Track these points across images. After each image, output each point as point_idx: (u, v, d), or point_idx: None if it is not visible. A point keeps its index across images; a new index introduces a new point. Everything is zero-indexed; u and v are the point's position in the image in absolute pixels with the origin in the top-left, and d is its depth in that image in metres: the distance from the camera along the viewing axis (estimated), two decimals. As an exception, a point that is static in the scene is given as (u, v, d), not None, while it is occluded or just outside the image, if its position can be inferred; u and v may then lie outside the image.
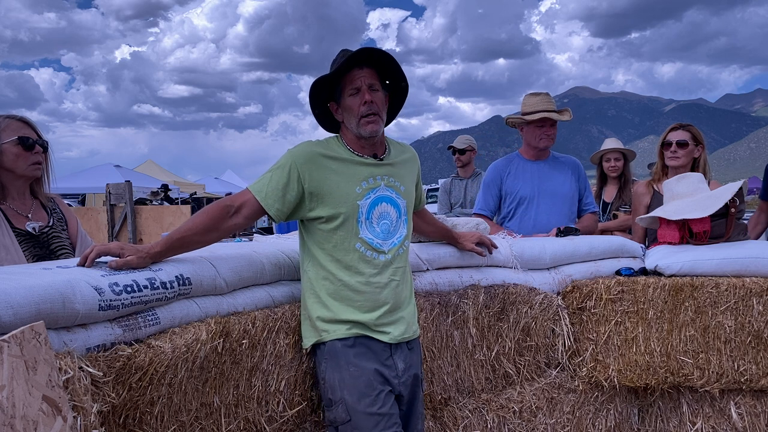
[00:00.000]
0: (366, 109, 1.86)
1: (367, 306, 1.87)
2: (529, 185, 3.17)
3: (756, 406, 2.68)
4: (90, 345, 1.41)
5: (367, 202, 1.88)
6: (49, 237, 2.14)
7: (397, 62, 1.91)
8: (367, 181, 1.89)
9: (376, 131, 1.89)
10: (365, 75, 1.87)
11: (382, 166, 1.94)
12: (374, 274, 1.88)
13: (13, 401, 1.01)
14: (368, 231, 1.88)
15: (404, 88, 2.01)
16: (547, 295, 2.59)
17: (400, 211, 1.96)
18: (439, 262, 2.39)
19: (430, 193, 22.50)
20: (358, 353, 1.85)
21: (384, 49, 3.85)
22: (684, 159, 3.08)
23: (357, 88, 1.86)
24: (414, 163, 2.10)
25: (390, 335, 1.89)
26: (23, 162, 2.06)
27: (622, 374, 2.63)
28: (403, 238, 1.97)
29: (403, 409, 1.94)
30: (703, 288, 2.56)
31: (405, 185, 1.99)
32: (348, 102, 1.88)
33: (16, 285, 1.30)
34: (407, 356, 1.95)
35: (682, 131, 3.11)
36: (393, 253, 1.92)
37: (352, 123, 1.89)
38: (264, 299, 1.93)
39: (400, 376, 1.91)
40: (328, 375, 1.84)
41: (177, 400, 1.58)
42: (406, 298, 1.98)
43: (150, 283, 1.56)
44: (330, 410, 1.85)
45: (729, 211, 2.72)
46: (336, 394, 1.83)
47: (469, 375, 2.40)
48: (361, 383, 1.82)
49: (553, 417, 2.59)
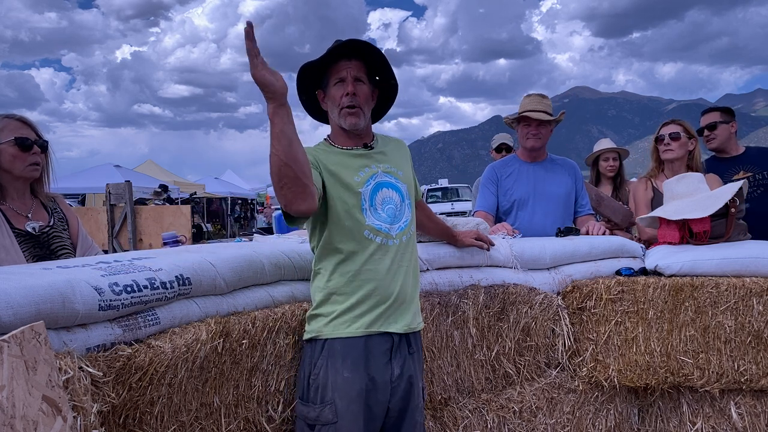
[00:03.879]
0: (348, 100, 1.86)
1: (378, 292, 1.85)
2: (524, 187, 3.17)
3: (756, 406, 2.67)
4: (90, 345, 1.41)
5: (369, 188, 1.88)
6: (50, 237, 2.14)
7: (385, 58, 1.91)
8: (364, 169, 1.90)
9: (355, 124, 1.89)
10: (352, 67, 1.87)
11: (376, 154, 1.95)
12: (384, 260, 1.86)
13: (13, 401, 1.01)
14: (374, 217, 1.87)
15: (394, 86, 2.01)
16: (547, 295, 2.59)
17: (402, 195, 1.95)
18: (439, 262, 2.39)
19: (431, 193, 22.57)
20: (355, 360, 1.81)
21: (385, 48, 3.81)
22: (678, 151, 3.15)
23: (342, 78, 1.87)
24: (405, 150, 2.11)
25: (397, 324, 1.87)
26: (20, 163, 2.05)
27: (622, 374, 2.63)
28: (409, 222, 1.96)
29: (393, 416, 1.89)
30: (703, 288, 2.56)
31: (402, 170, 2.00)
32: (332, 92, 1.89)
33: (16, 285, 1.30)
34: (406, 361, 1.90)
35: (673, 125, 3.20)
36: (400, 238, 1.92)
37: (335, 113, 1.90)
38: (264, 299, 1.93)
39: (393, 381, 1.87)
40: (321, 373, 1.82)
41: (177, 400, 1.58)
42: (413, 286, 1.97)
43: (150, 283, 1.56)
44: (312, 408, 1.81)
45: (729, 211, 2.72)
46: (326, 396, 1.80)
47: (469, 375, 2.40)
48: (353, 391, 1.79)
49: (553, 417, 2.59)
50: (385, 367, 1.85)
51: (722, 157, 3.59)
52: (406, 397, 1.90)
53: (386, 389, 1.86)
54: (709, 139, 3.56)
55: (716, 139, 3.55)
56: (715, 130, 3.54)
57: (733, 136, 3.58)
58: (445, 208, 18.55)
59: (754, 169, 3.47)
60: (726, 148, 3.57)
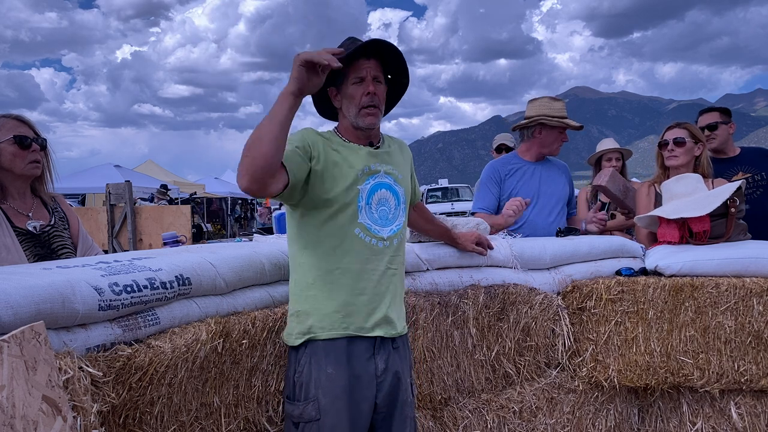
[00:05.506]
0: (368, 100, 1.85)
1: (363, 292, 1.81)
2: (529, 186, 3.18)
3: (756, 407, 2.68)
4: (90, 345, 1.41)
5: (367, 187, 1.86)
6: (51, 236, 2.14)
7: (404, 58, 1.90)
8: (366, 167, 1.88)
9: (374, 124, 1.88)
10: (371, 66, 1.86)
11: (380, 154, 1.94)
12: (372, 260, 1.84)
13: (13, 401, 1.01)
14: (367, 216, 1.85)
15: (403, 84, 2.01)
16: (547, 295, 2.59)
17: (398, 199, 1.94)
18: (439, 262, 2.39)
19: (431, 193, 22.56)
20: (338, 356, 1.79)
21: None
22: (683, 158, 2.97)
23: (361, 77, 1.85)
24: (408, 153, 2.10)
25: (380, 329, 1.83)
26: (20, 161, 2.06)
27: (622, 374, 2.63)
28: (402, 227, 1.94)
29: (382, 411, 1.86)
30: (703, 288, 2.56)
31: (402, 173, 1.99)
32: (351, 90, 1.86)
33: (16, 285, 1.30)
34: (390, 356, 1.87)
35: (678, 129, 3.02)
36: (391, 241, 1.89)
37: (351, 112, 1.88)
38: (264, 299, 1.93)
39: (379, 376, 1.84)
40: (305, 371, 1.79)
41: (177, 400, 1.58)
42: (399, 290, 1.94)
43: (150, 283, 1.56)
44: (296, 405, 1.79)
45: (729, 210, 2.72)
46: (310, 392, 1.77)
47: (469, 375, 2.40)
48: (337, 387, 1.77)
49: (553, 417, 2.59)
50: (368, 362, 1.82)
51: (719, 158, 3.59)
52: (394, 392, 1.87)
53: (371, 384, 1.82)
54: (709, 139, 3.55)
55: (716, 139, 3.54)
56: (716, 130, 3.53)
57: (730, 136, 3.58)
58: (445, 208, 18.55)
59: (752, 170, 3.47)
60: (724, 148, 3.57)
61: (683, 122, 3.09)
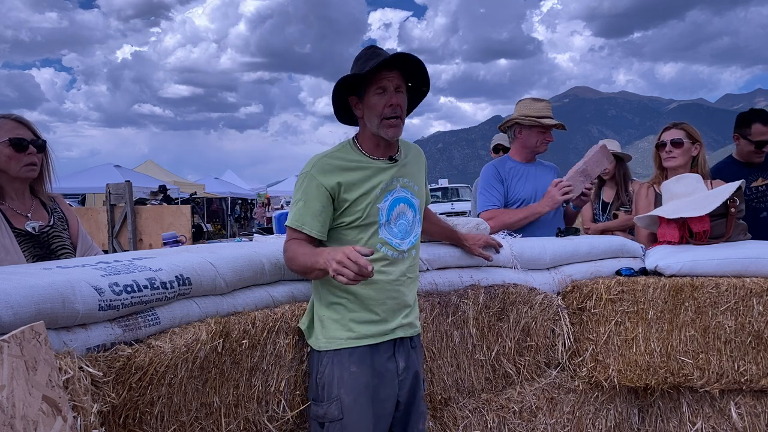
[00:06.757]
0: (390, 111, 1.85)
1: (384, 304, 1.89)
2: (529, 187, 3.18)
3: (756, 407, 2.68)
4: (90, 345, 1.41)
5: (386, 204, 1.91)
6: (50, 237, 2.13)
7: (426, 70, 1.91)
8: (384, 184, 1.91)
9: (395, 135, 1.89)
10: (394, 76, 1.86)
11: (398, 168, 1.96)
12: (393, 272, 1.91)
13: (13, 401, 1.01)
14: (387, 232, 1.91)
15: (423, 93, 2.02)
16: (547, 295, 2.59)
17: (415, 211, 2.00)
18: (439, 262, 2.39)
19: (431, 193, 22.52)
20: (362, 355, 1.87)
21: (385, 48, 3.84)
22: (681, 158, 2.97)
23: (384, 88, 1.85)
24: (423, 161, 2.13)
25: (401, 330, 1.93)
26: (16, 163, 2.04)
27: (622, 374, 2.63)
28: (418, 236, 2.02)
29: (402, 408, 1.96)
30: (703, 288, 2.56)
31: (418, 184, 2.03)
32: (373, 100, 1.86)
33: (16, 285, 1.30)
34: (409, 354, 1.97)
35: (675, 130, 3.00)
36: (410, 252, 1.97)
37: (373, 122, 1.88)
38: (264, 299, 1.94)
39: (400, 374, 1.93)
40: (327, 371, 1.85)
41: (177, 400, 1.58)
42: (414, 294, 2.02)
43: (150, 283, 1.56)
44: (320, 405, 1.86)
45: (729, 210, 2.72)
46: (333, 392, 1.84)
47: (469, 375, 2.40)
48: (360, 385, 1.84)
49: (553, 417, 2.59)
50: (389, 361, 1.91)
51: (741, 161, 3.55)
52: (413, 389, 1.97)
53: (393, 381, 1.91)
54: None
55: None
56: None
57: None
58: (445, 208, 18.53)
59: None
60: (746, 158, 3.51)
61: (680, 123, 3.07)
